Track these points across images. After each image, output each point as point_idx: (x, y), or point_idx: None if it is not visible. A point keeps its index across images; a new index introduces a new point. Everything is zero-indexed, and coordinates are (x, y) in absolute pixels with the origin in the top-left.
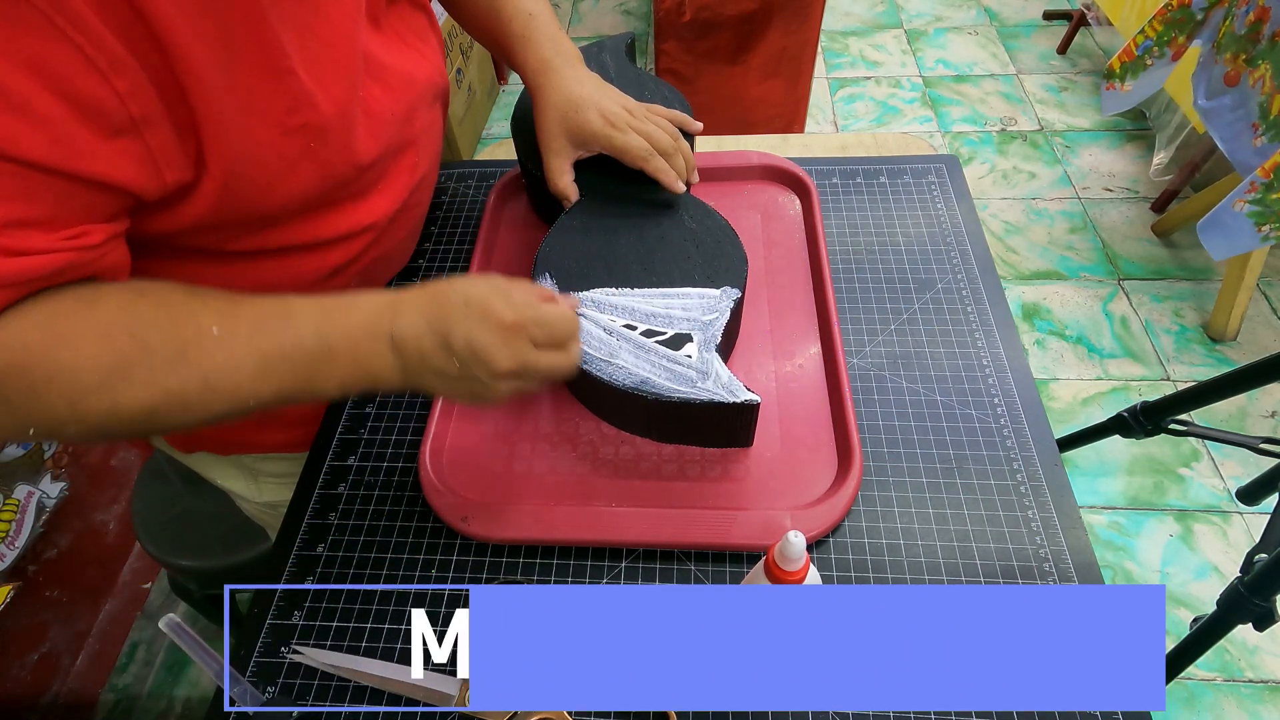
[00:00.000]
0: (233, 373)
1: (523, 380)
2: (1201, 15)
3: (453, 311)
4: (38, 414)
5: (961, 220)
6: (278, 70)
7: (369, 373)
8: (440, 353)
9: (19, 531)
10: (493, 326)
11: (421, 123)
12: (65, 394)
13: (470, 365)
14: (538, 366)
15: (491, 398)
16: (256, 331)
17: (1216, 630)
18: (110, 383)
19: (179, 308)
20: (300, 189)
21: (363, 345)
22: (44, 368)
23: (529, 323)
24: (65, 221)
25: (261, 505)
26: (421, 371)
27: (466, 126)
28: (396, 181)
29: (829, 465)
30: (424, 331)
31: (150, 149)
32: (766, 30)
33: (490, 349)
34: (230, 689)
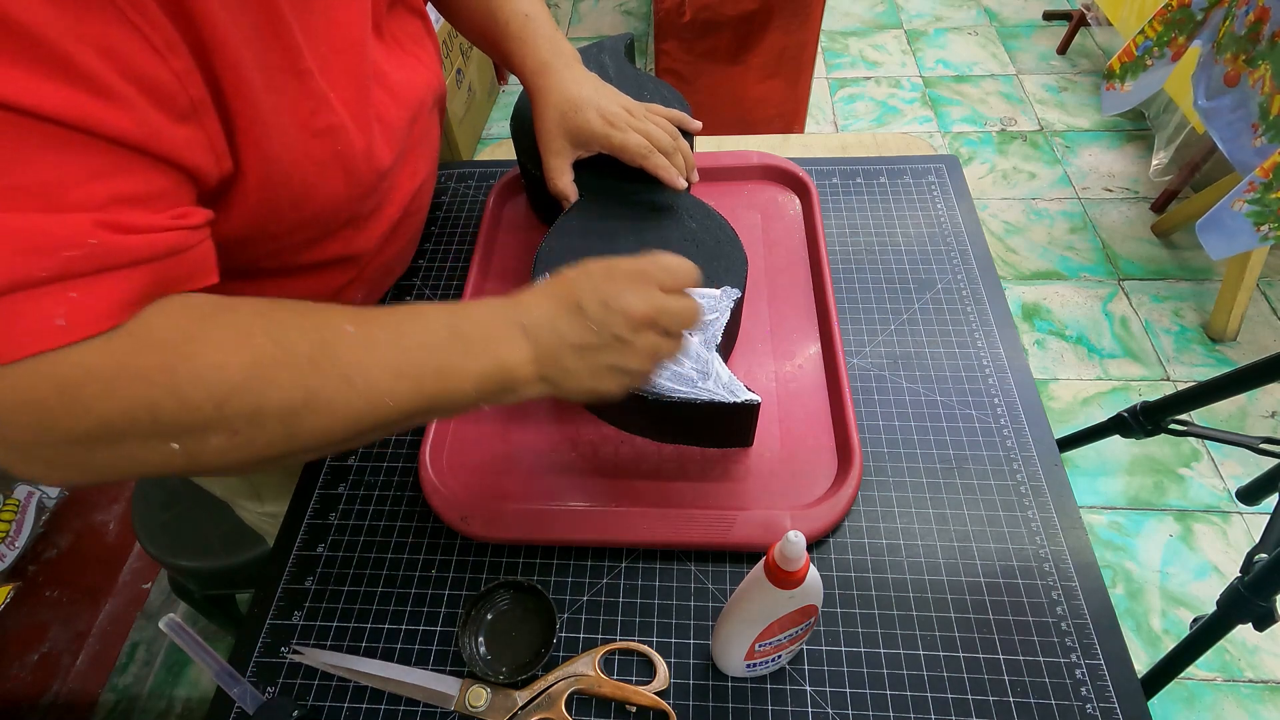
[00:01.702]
0: (371, 369)
1: (659, 335)
2: (1201, 15)
3: (576, 280)
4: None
5: (961, 220)
6: (298, 71)
7: (503, 363)
8: (574, 320)
9: (19, 531)
10: (618, 277)
11: (421, 128)
12: (211, 393)
13: (607, 321)
14: (671, 311)
15: (636, 364)
16: (390, 329)
17: (1216, 630)
18: (253, 381)
19: (313, 311)
20: (330, 197)
21: (495, 333)
22: (188, 365)
23: (651, 266)
24: (166, 201)
25: (262, 514)
26: (558, 351)
27: (466, 127)
28: (399, 188)
29: (829, 465)
30: (553, 307)
31: (208, 135)
32: (766, 30)
33: (622, 296)
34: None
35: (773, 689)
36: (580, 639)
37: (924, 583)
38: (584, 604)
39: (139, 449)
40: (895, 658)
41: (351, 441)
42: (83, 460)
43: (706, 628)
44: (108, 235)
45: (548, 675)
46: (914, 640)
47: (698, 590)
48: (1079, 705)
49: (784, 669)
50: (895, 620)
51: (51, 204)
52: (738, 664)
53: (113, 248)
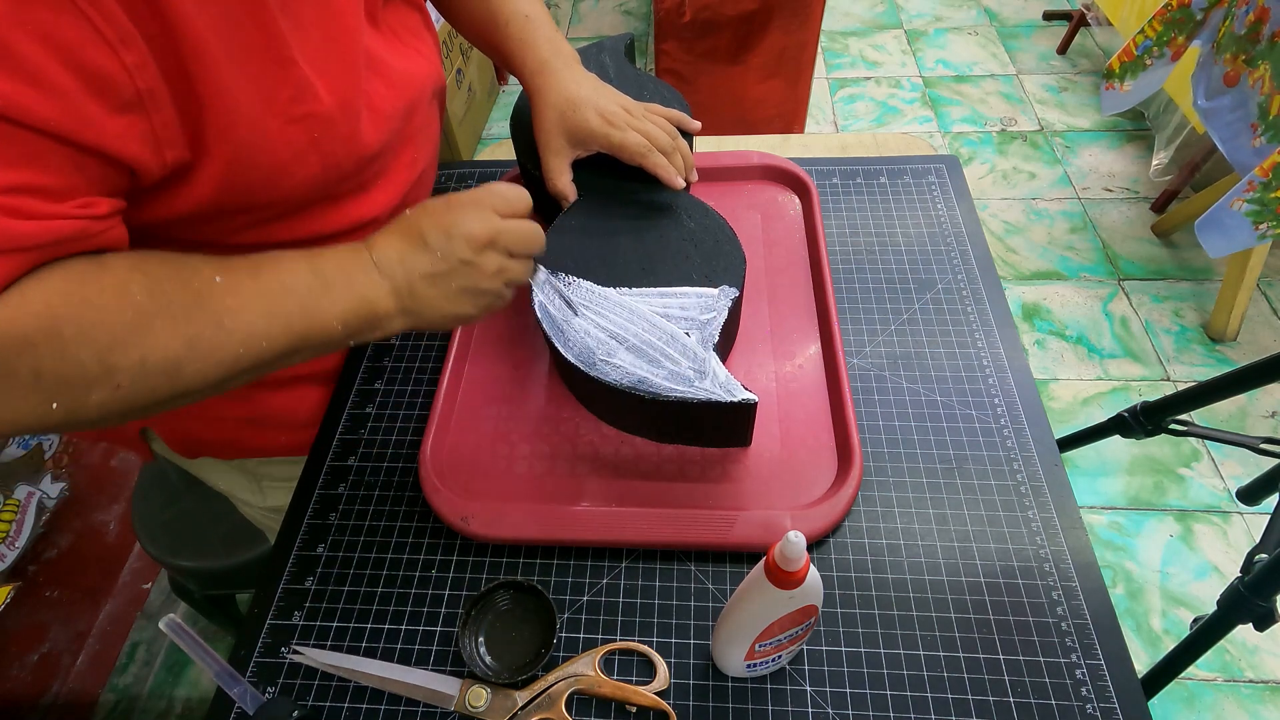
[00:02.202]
0: (242, 312)
1: (503, 256)
2: (1201, 15)
3: (417, 214)
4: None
5: (961, 220)
6: (280, 59)
7: (364, 298)
8: (420, 251)
9: (19, 531)
10: (454, 205)
11: (420, 119)
12: (95, 350)
13: (450, 248)
14: (510, 231)
15: (487, 283)
16: (254, 274)
17: (1217, 630)
18: (135, 335)
19: (182, 263)
20: (305, 179)
21: (352, 272)
22: (72, 326)
23: (483, 194)
24: (75, 191)
25: (264, 510)
26: (411, 283)
27: (466, 126)
28: (396, 177)
29: (829, 465)
30: (399, 242)
31: (153, 126)
32: (766, 30)
33: (460, 223)
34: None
35: (773, 689)
36: (580, 639)
37: (924, 583)
38: (584, 604)
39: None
40: (895, 658)
41: (231, 383)
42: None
43: (706, 628)
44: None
45: (548, 675)
46: (914, 640)
47: (698, 590)
48: (1079, 705)
49: (784, 669)
50: (895, 620)
51: None
52: (738, 664)
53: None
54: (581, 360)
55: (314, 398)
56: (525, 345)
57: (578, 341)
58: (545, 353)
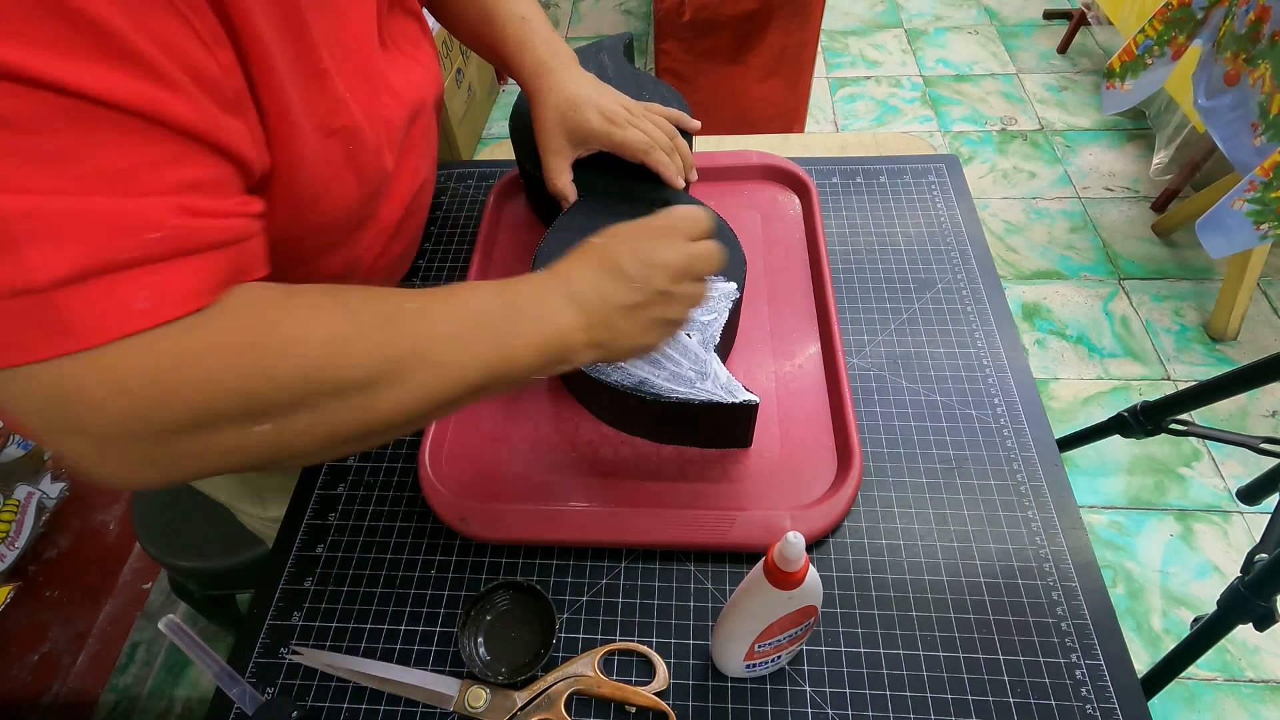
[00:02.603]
0: (436, 339)
1: (694, 282)
2: (1202, 14)
3: (610, 245)
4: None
5: (961, 220)
6: (317, 71)
7: (557, 331)
8: (618, 282)
9: (19, 531)
10: (649, 234)
11: (422, 128)
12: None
13: (650, 278)
14: (700, 254)
15: (677, 313)
16: (447, 302)
17: (1217, 630)
18: (333, 355)
19: (375, 291)
20: (343, 198)
21: (546, 304)
22: (271, 340)
23: (674, 219)
24: (230, 188)
25: (265, 519)
26: (608, 315)
27: (466, 126)
28: (400, 188)
29: (829, 465)
30: (596, 274)
31: (249, 128)
32: (766, 30)
33: (658, 251)
34: (230, 689)
35: (773, 689)
36: (580, 639)
37: (924, 583)
38: (584, 604)
39: (229, 435)
40: (895, 658)
41: (424, 418)
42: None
43: (706, 628)
44: (186, 219)
45: (547, 676)
46: (914, 640)
47: (698, 590)
48: (1079, 705)
49: (784, 669)
50: (895, 620)
51: (130, 188)
52: (737, 664)
53: (191, 231)
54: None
55: None
56: None
57: None
58: None
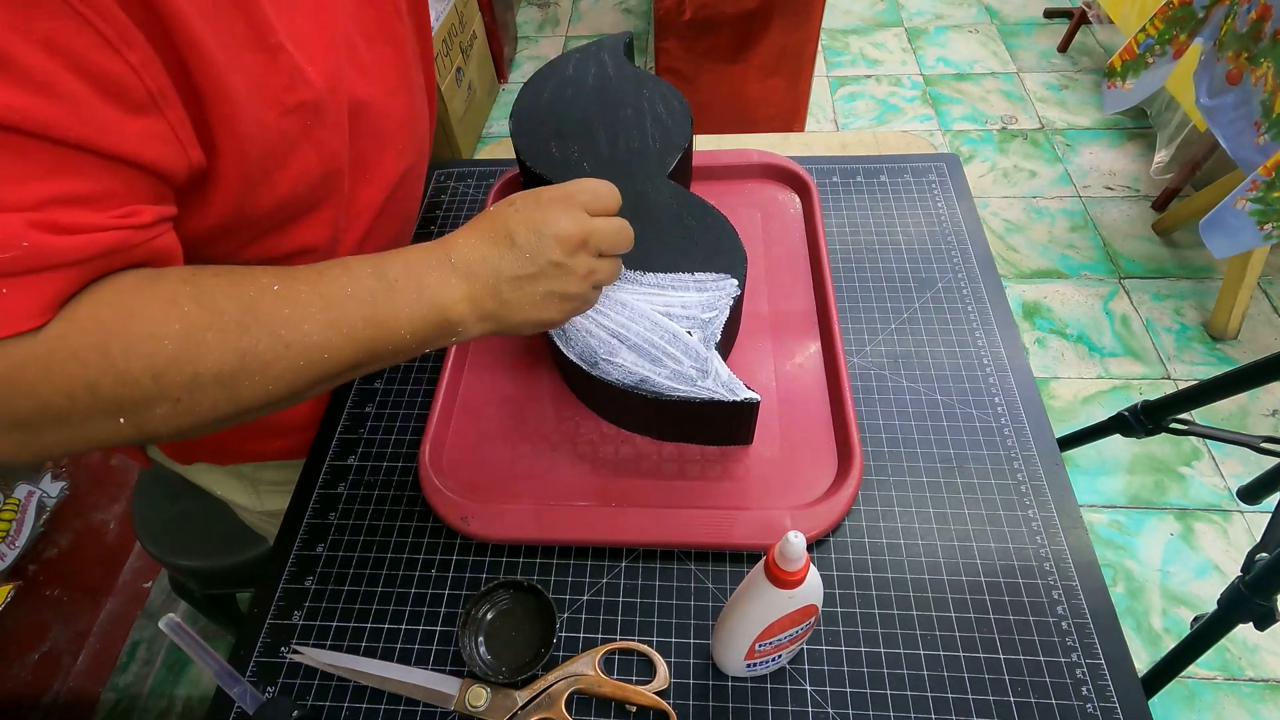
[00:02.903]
0: (301, 323)
1: (593, 257)
2: (1203, 13)
3: (503, 212)
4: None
5: (962, 219)
6: (268, 46)
7: (437, 303)
8: (508, 252)
9: (19, 531)
10: (544, 203)
11: (402, 112)
12: (147, 366)
13: (540, 248)
14: (601, 232)
15: (575, 287)
16: (316, 281)
17: (1217, 629)
18: (186, 349)
19: (238, 273)
20: (303, 174)
21: (425, 275)
22: (120, 340)
23: (575, 191)
24: (112, 200)
25: (262, 514)
26: (496, 285)
27: (466, 125)
28: (379, 172)
29: (829, 465)
30: (484, 245)
31: (171, 125)
32: (767, 29)
33: (552, 221)
34: (230, 688)
35: (773, 689)
36: (580, 639)
37: (924, 582)
38: (584, 604)
39: (85, 428)
40: (895, 658)
41: (299, 396)
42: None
43: (706, 628)
44: (41, 236)
45: (548, 675)
46: (914, 640)
47: (698, 590)
48: (1079, 705)
49: (784, 669)
50: (895, 620)
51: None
52: (738, 664)
53: (46, 249)
54: (583, 359)
55: (310, 400)
56: (525, 344)
57: (579, 340)
58: (545, 352)
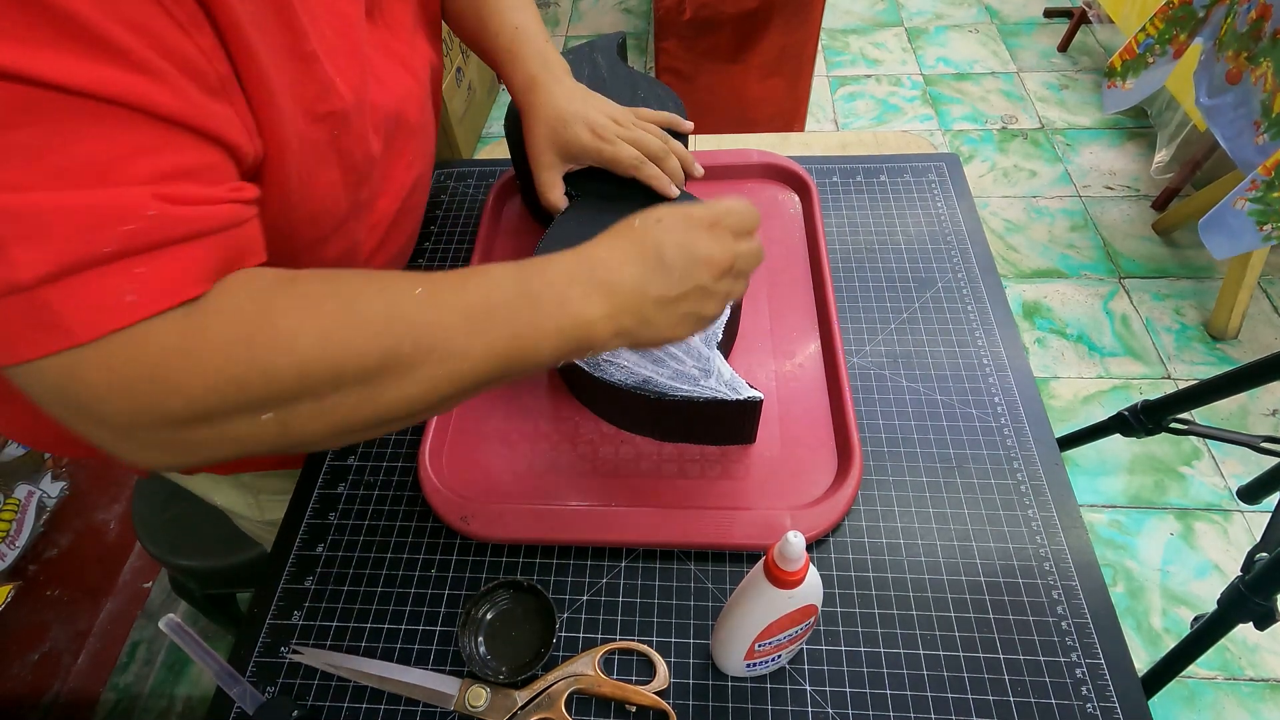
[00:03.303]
0: (443, 329)
1: (734, 278)
2: (1203, 13)
3: (653, 230)
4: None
5: (962, 219)
6: (304, 54)
7: (579, 320)
8: (657, 272)
9: (20, 531)
10: (698, 228)
11: (414, 121)
12: (292, 362)
13: (692, 274)
14: (744, 254)
15: (711, 310)
16: (459, 288)
17: (1217, 629)
18: (328, 346)
19: (378, 277)
20: (331, 186)
21: (569, 290)
22: (265, 334)
23: (723, 214)
24: (218, 173)
25: (262, 524)
26: (639, 304)
27: (466, 125)
28: (394, 182)
29: (829, 465)
30: (630, 264)
31: (238, 113)
32: (767, 28)
33: (705, 246)
34: (230, 688)
35: (773, 689)
36: (580, 639)
37: (924, 582)
38: (584, 604)
39: (233, 424)
40: (895, 657)
41: (437, 407)
42: (181, 440)
43: (706, 628)
44: (166, 207)
45: (547, 675)
46: (914, 640)
47: (698, 590)
48: (1079, 705)
49: (784, 669)
50: (895, 620)
51: (105, 179)
52: (738, 664)
53: (173, 219)
54: (584, 361)
55: None
56: None
57: None
58: None
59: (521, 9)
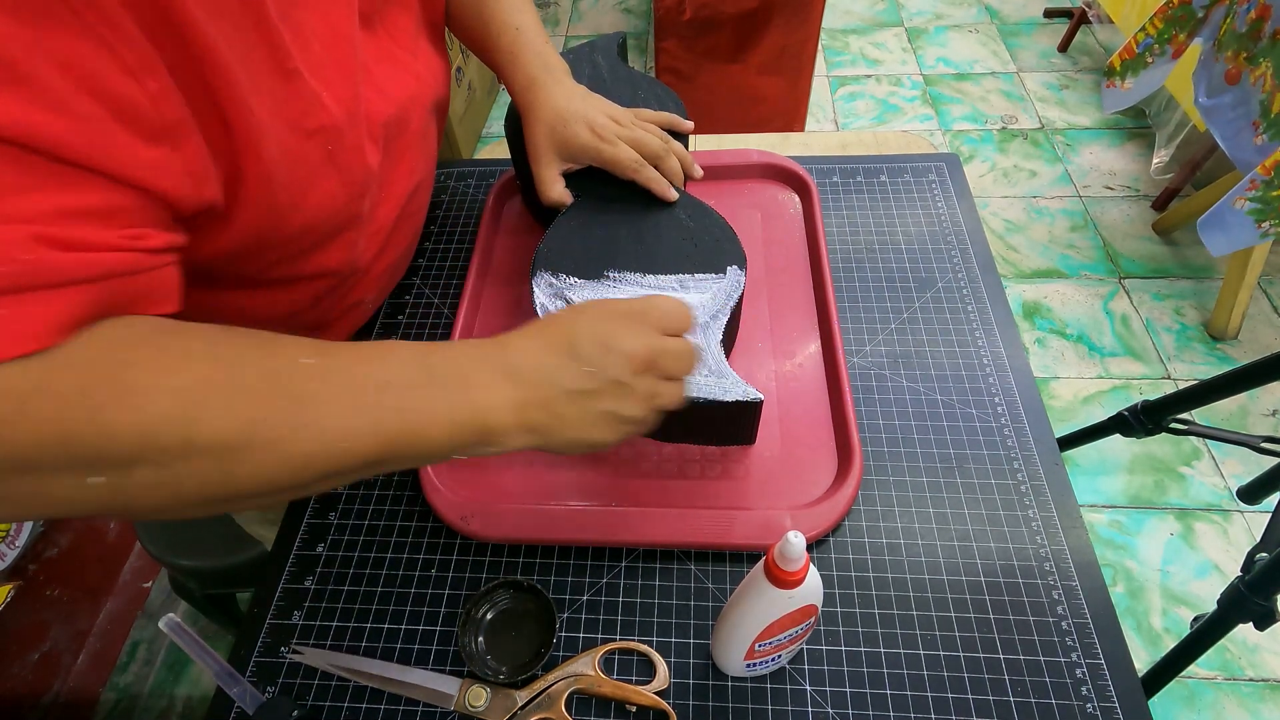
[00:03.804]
0: (325, 403)
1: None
2: (1202, 13)
3: (568, 320)
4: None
5: (962, 219)
6: (285, 72)
7: (480, 406)
8: (568, 363)
9: (19, 531)
10: (616, 318)
11: (418, 128)
12: (135, 421)
13: (605, 364)
14: (670, 352)
15: (635, 410)
16: (352, 361)
17: (1217, 629)
18: (184, 408)
19: (269, 339)
20: (326, 199)
21: (473, 375)
22: (109, 387)
23: (648, 308)
24: (122, 218)
25: (262, 519)
26: (551, 398)
27: (466, 125)
28: (394, 189)
29: (829, 465)
30: (544, 349)
31: (185, 159)
32: (767, 28)
33: (621, 338)
34: (230, 688)
35: (773, 689)
36: (580, 639)
37: (924, 582)
38: (584, 604)
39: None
40: (895, 658)
41: (300, 489)
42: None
43: (706, 628)
44: (44, 251)
45: (547, 675)
46: (914, 640)
47: (698, 590)
48: (1079, 705)
49: (784, 669)
50: (895, 620)
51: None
52: (738, 664)
53: (49, 265)
54: None
55: None
56: None
57: None
58: None
59: (521, 11)
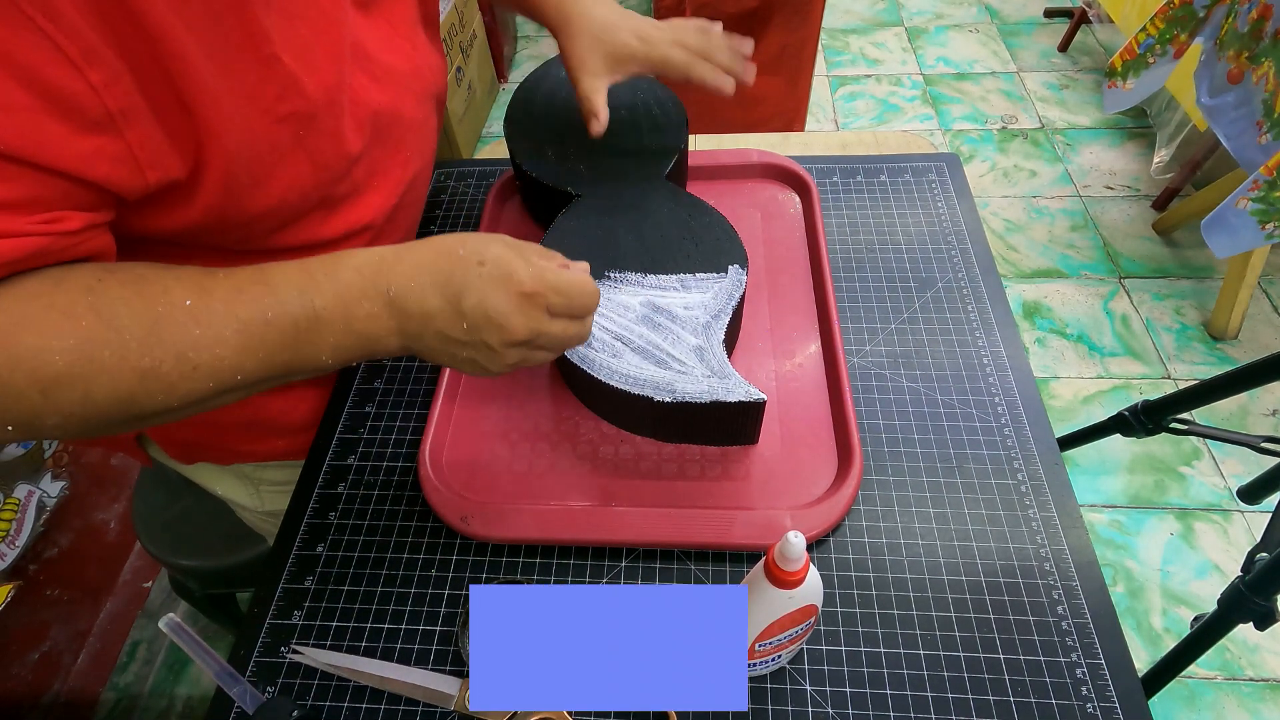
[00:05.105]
0: (211, 345)
1: (530, 350)
2: (1204, 13)
3: (467, 271)
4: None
5: (962, 218)
6: (263, 57)
7: (364, 337)
8: (448, 315)
9: (19, 531)
10: (511, 291)
11: (412, 118)
12: (34, 381)
13: (481, 330)
14: (551, 336)
15: (494, 368)
16: (234, 300)
17: (1217, 629)
18: (78, 366)
19: (149, 283)
20: (294, 182)
21: (355, 307)
22: (6, 352)
23: (548, 290)
24: (40, 206)
25: (263, 514)
26: (422, 334)
27: (466, 125)
28: (389, 178)
29: (829, 465)
30: (429, 291)
31: (130, 146)
32: (767, 28)
33: (506, 315)
34: (230, 688)
35: (773, 689)
36: None
37: (924, 582)
38: None
39: None
40: (895, 657)
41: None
42: None
43: None
44: None
45: None
46: (914, 640)
47: None
48: (1079, 705)
49: (784, 669)
50: (895, 620)
51: None
52: None
53: None
54: (586, 362)
55: (311, 401)
56: None
57: None
58: None
59: None
